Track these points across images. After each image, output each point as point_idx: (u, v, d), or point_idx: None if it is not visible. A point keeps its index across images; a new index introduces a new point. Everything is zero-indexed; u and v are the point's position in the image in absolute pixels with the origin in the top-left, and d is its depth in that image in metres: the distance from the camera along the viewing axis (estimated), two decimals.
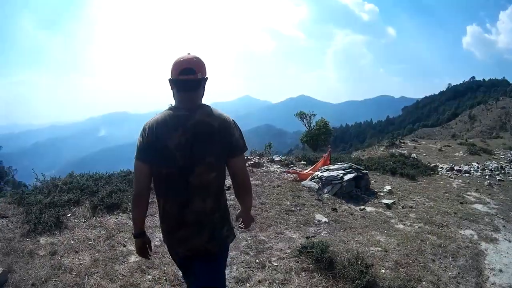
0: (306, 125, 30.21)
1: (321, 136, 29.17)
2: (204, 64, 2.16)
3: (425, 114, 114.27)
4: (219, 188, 2.23)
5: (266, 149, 14.71)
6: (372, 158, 13.85)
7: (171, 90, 2.19)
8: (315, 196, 7.22)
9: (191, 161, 2.07)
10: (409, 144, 21.11)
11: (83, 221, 5.11)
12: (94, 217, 5.24)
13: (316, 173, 8.23)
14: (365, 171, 8.60)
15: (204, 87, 2.21)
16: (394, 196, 8.00)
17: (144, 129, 2.12)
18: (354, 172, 8.07)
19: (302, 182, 7.98)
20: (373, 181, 9.07)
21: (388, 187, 8.49)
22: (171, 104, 2.22)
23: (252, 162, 9.81)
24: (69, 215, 5.22)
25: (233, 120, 2.24)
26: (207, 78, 2.18)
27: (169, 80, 2.15)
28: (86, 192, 6.01)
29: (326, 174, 7.87)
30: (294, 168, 9.98)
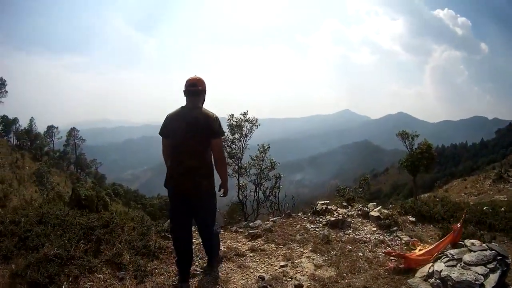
0: (408, 147, 28.03)
1: (423, 161, 26.89)
2: (203, 82, 4.07)
3: None
4: (205, 156, 3.90)
5: (361, 184, 11.70)
6: (493, 206, 9.39)
7: (185, 97, 3.97)
8: None
9: (185, 138, 3.82)
10: None
11: None
12: None
13: (437, 266, 4.63)
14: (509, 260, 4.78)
15: (203, 96, 4.12)
16: None
17: (166, 117, 3.97)
18: (499, 268, 4.43)
19: (409, 280, 4.55)
20: None
21: None
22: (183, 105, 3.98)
23: (334, 219, 6.69)
24: None
25: (216, 117, 3.92)
26: (205, 90, 4.10)
27: (183, 90, 3.97)
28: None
29: (455, 273, 4.30)
30: (399, 236, 6.28)
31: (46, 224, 4.81)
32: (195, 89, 3.98)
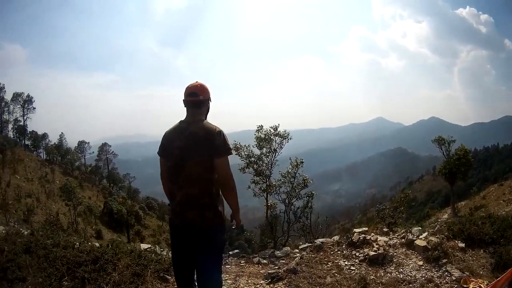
0: (444, 153, 26.52)
1: (461, 168, 25.36)
2: (206, 89, 3.29)
3: None
4: (207, 181, 3.08)
5: (402, 202, 10.51)
6: None
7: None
8: None
9: (183, 158, 3.07)
10: None
11: None
12: None
13: None
14: None
15: (206, 106, 3.34)
16: None
17: (163, 135, 3.30)
18: None
19: None
20: None
21: None
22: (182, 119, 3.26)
23: (373, 253, 5.58)
24: None
25: (219, 131, 3.10)
26: (208, 99, 3.32)
27: (182, 100, 3.25)
28: None
29: None
30: (448, 270, 5.18)
31: (32, 254, 4.47)
32: (195, 99, 3.24)
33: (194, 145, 3.06)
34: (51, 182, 40.88)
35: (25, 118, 51.39)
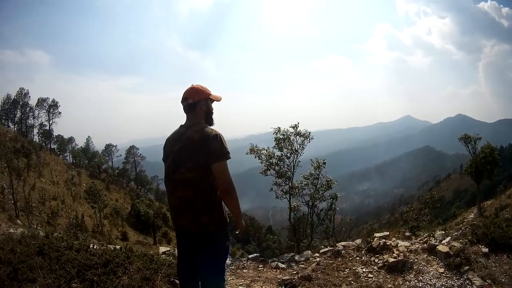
0: (471, 151, 26.11)
1: (487, 166, 25.01)
2: (198, 91, 3.18)
3: None
4: (203, 186, 2.95)
5: (427, 203, 10.28)
6: None
7: None
8: None
9: (177, 163, 3.03)
10: None
11: None
12: None
13: None
14: None
15: (201, 108, 3.18)
16: None
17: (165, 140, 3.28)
18: None
19: None
20: None
21: None
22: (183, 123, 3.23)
23: (393, 260, 5.39)
24: None
25: (215, 134, 2.97)
26: (200, 101, 3.16)
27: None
28: None
29: None
30: (470, 278, 4.95)
31: (45, 256, 4.50)
32: (185, 104, 3.19)
33: (189, 150, 3.00)
34: (77, 185, 41.46)
35: (50, 122, 52.47)
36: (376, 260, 5.63)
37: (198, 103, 3.16)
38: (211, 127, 3.15)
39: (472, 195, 59.67)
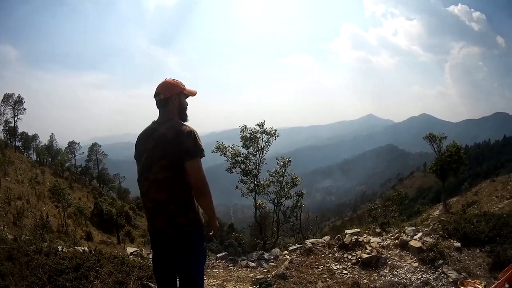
0: (436, 150, 26.78)
1: (452, 165, 25.58)
2: (170, 86, 2.98)
3: None
4: (176, 186, 2.78)
5: (394, 201, 10.51)
6: None
7: None
8: None
9: (150, 162, 2.82)
10: None
11: None
12: None
13: None
14: None
15: (174, 103, 2.98)
16: None
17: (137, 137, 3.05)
18: None
19: None
20: None
21: None
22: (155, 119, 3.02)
23: (366, 256, 5.40)
24: None
25: (189, 131, 2.78)
26: (171, 97, 2.96)
27: None
28: None
29: None
30: (445, 272, 5.04)
31: (15, 261, 4.33)
32: (158, 99, 3.00)
33: (162, 147, 2.81)
34: (41, 183, 40.30)
35: (15, 119, 50.58)
36: (349, 257, 5.63)
37: (170, 98, 2.99)
38: (185, 123, 2.97)
39: (436, 192, 61.30)
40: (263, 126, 10.61)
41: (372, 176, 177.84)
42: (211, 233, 3.08)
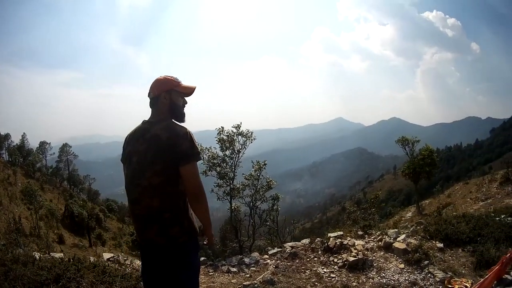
0: (408, 153, 27.14)
1: (425, 168, 25.98)
2: (160, 83, 2.71)
3: None
4: (171, 192, 2.53)
5: (372, 203, 10.56)
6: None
7: None
8: None
9: (142, 166, 2.54)
10: None
11: None
12: None
13: None
14: None
15: (165, 102, 2.71)
16: None
17: (125, 138, 2.79)
18: None
19: None
20: None
21: None
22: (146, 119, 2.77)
23: (353, 259, 5.40)
24: None
25: (185, 132, 2.55)
26: (160, 94, 2.70)
27: None
28: None
29: None
30: (431, 271, 5.13)
31: None
32: (149, 98, 2.75)
33: (155, 150, 2.54)
34: (13, 184, 39.60)
35: None
36: (336, 260, 5.62)
37: (159, 96, 2.71)
38: (181, 124, 2.71)
39: (407, 194, 62.48)
40: (239, 128, 10.50)
41: (341, 178, 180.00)
42: (205, 242, 2.82)
